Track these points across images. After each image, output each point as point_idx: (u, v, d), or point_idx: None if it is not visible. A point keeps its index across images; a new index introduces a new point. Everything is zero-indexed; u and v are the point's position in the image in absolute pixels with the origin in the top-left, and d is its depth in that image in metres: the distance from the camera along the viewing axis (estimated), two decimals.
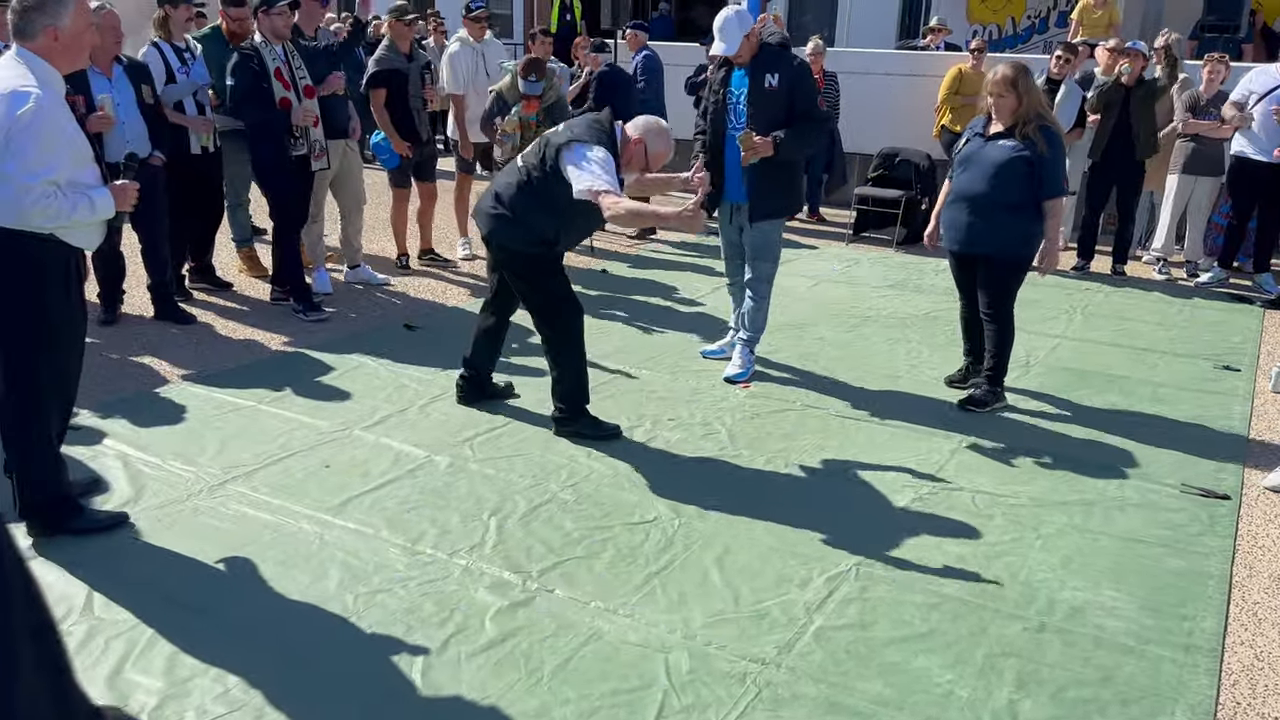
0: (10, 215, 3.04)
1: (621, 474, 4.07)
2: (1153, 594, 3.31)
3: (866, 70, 9.89)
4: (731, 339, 5.45)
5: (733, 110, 4.92)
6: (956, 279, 5.02)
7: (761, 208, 4.95)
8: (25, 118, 2.95)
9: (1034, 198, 4.60)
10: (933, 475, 4.14)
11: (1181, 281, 7.69)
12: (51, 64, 3.08)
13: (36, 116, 2.96)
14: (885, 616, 3.11)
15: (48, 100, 3.01)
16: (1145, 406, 5.01)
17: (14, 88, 2.98)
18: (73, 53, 3.14)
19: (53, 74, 3.08)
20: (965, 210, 4.73)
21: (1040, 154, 4.52)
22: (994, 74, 4.59)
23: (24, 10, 3.04)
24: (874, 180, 8.89)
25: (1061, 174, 4.63)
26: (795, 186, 5.17)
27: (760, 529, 3.65)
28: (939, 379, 5.27)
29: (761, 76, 4.80)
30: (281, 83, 5.68)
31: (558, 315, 4.30)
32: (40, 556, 3.30)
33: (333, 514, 3.66)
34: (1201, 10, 11.84)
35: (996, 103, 4.59)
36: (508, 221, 4.16)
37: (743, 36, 4.76)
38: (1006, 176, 4.58)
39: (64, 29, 3.06)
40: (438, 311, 6.35)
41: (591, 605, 3.13)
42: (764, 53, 4.84)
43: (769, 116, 4.80)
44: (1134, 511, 3.88)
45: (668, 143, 4.21)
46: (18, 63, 3.05)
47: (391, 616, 3.04)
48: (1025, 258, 4.75)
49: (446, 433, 4.42)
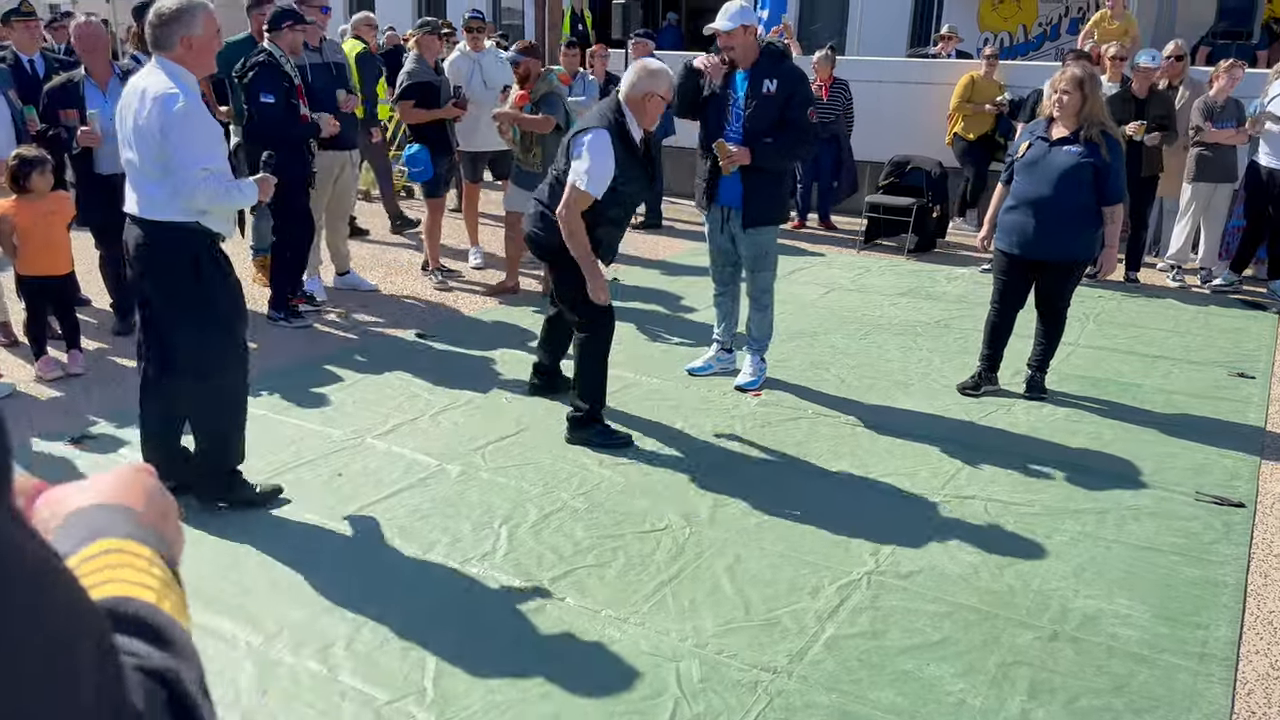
0: (169, 208, 3.43)
1: (633, 482, 4.07)
2: (1167, 602, 3.29)
3: (878, 78, 9.89)
4: (716, 353, 5.44)
5: (730, 113, 4.93)
6: (1003, 284, 5.06)
7: (751, 213, 4.94)
8: (180, 115, 3.32)
9: (1096, 202, 4.72)
10: (945, 483, 4.13)
11: (1195, 288, 7.65)
12: (187, 69, 3.43)
13: (188, 113, 3.34)
14: (897, 625, 3.11)
15: (192, 100, 3.38)
16: (1159, 414, 4.99)
17: (163, 91, 3.35)
18: (204, 57, 3.49)
19: (190, 77, 3.44)
20: (1031, 214, 4.81)
21: (1104, 160, 4.64)
22: (1062, 72, 4.72)
23: (161, 24, 3.39)
24: (885, 188, 8.88)
25: (1122, 180, 4.79)
26: (785, 195, 5.14)
27: (771, 537, 3.64)
28: (951, 387, 5.26)
29: (760, 81, 4.82)
30: (302, 99, 5.73)
31: (590, 318, 4.38)
32: None
33: (346, 524, 3.68)
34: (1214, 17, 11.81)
35: (1063, 100, 4.65)
36: (546, 222, 4.32)
37: (740, 24, 4.77)
38: (1073, 182, 4.69)
39: (196, 37, 3.40)
40: (450, 320, 6.37)
41: (603, 614, 3.13)
42: (765, 58, 4.86)
43: (763, 121, 4.81)
44: (1148, 519, 3.86)
45: (662, 77, 4.34)
46: (159, 71, 3.42)
47: (404, 625, 3.05)
48: (1087, 261, 4.94)
49: (458, 441, 4.44)
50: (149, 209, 3.47)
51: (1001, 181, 5.07)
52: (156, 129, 3.34)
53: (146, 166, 3.42)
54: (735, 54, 4.85)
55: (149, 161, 3.41)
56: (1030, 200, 4.82)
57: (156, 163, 3.40)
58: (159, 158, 3.38)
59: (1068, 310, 5.09)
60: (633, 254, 8.38)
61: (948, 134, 9.12)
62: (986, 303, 5.28)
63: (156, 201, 3.45)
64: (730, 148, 4.77)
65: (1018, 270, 4.98)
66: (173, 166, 3.37)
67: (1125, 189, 4.83)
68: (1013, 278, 5.01)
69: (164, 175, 3.40)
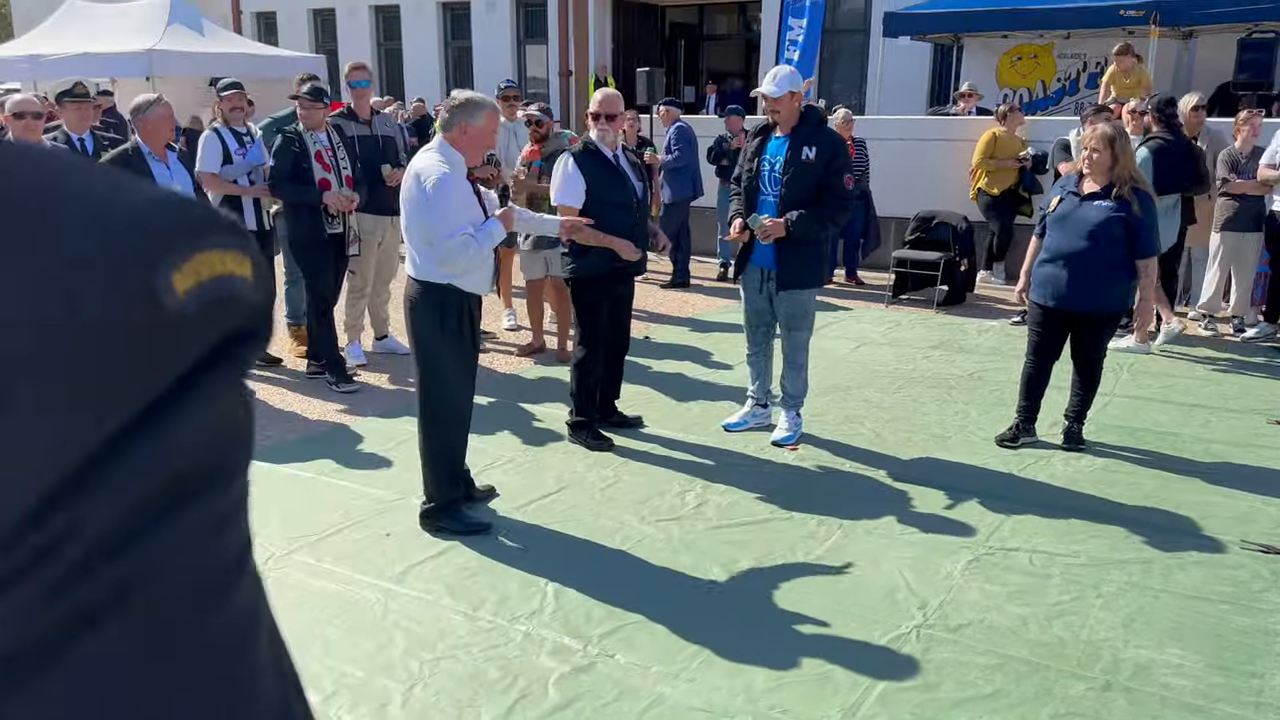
0: (432, 269, 4.03)
1: (675, 538, 4.10)
2: (1219, 652, 3.27)
3: (900, 136, 10.04)
4: (751, 409, 5.50)
5: (766, 178, 5.03)
6: (1039, 336, 5.13)
7: (788, 278, 5.03)
8: (436, 188, 3.95)
9: (1128, 256, 4.80)
10: (989, 535, 4.14)
11: (1228, 337, 7.65)
12: (458, 151, 4.06)
13: (443, 186, 3.95)
14: (949, 678, 3.11)
15: (453, 175, 3.99)
16: (1199, 462, 4.98)
17: (420, 168, 4.02)
18: (477, 144, 4.10)
19: (457, 157, 4.05)
20: (1063, 267, 4.89)
21: (1135, 215, 4.72)
22: (1093, 130, 4.83)
23: (451, 110, 4.07)
24: (911, 243, 8.97)
25: (1155, 234, 4.87)
26: (823, 258, 5.26)
27: (817, 591, 3.66)
28: (989, 440, 5.27)
29: (799, 147, 4.92)
30: (322, 165, 5.95)
31: (580, 337, 5.13)
32: None
33: (395, 582, 3.73)
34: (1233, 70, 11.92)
35: (1093, 158, 4.75)
36: (562, 255, 5.15)
37: (788, 90, 4.89)
38: (1103, 236, 4.77)
39: (473, 126, 4.04)
40: (486, 380, 6.46)
41: (653, 670, 3.15)
42: (805, 124, 4.96)
43: (802, 188, 4.89)
44: (1194, 569, 3.85)
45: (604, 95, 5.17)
46: (434, 149, 4.10)
47: (457, 683, 3.09)
48: (1120, 313, 5.03)
49: (500, 499, 4.49)
50: (415, 270, 4.13)
51: (1035, 235, 5.16)
52: (416, 201, 4.02)
53: (412, 232, 4.08)
54: (779, 117, 4.97)
55: (413, 229, 4.07)
56: (1062, 254, 4.90)
57: (419, 232, 4.04)
58: (421, 228, 4.03)
59: (1103, 361, 5.12)
60: (663, 311, 8.48)
61: (972, 189, 9.22)
62: (1019, 355, 5.32)
63: (419, 265, 4.09)
64: (765, 221, 4.86)
65: (1053, 322, 5.04)
66: (433, 238, 3.99)
67: (1158, 242, 4.89)
68: (1048, 330, 5.06)
69: (431, 244, 4.01)
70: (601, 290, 5.10)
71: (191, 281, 0.39)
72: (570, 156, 5.00)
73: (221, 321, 0.41)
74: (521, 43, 18.66)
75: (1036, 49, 13.54)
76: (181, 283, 0.39)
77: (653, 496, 4.54)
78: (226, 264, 0.41)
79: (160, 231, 0.40)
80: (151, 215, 0.40)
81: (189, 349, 0.40)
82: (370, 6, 19.92)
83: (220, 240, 0.41)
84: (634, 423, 5.48)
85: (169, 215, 0.41)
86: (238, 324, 0.41)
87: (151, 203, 0.40)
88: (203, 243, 0.40)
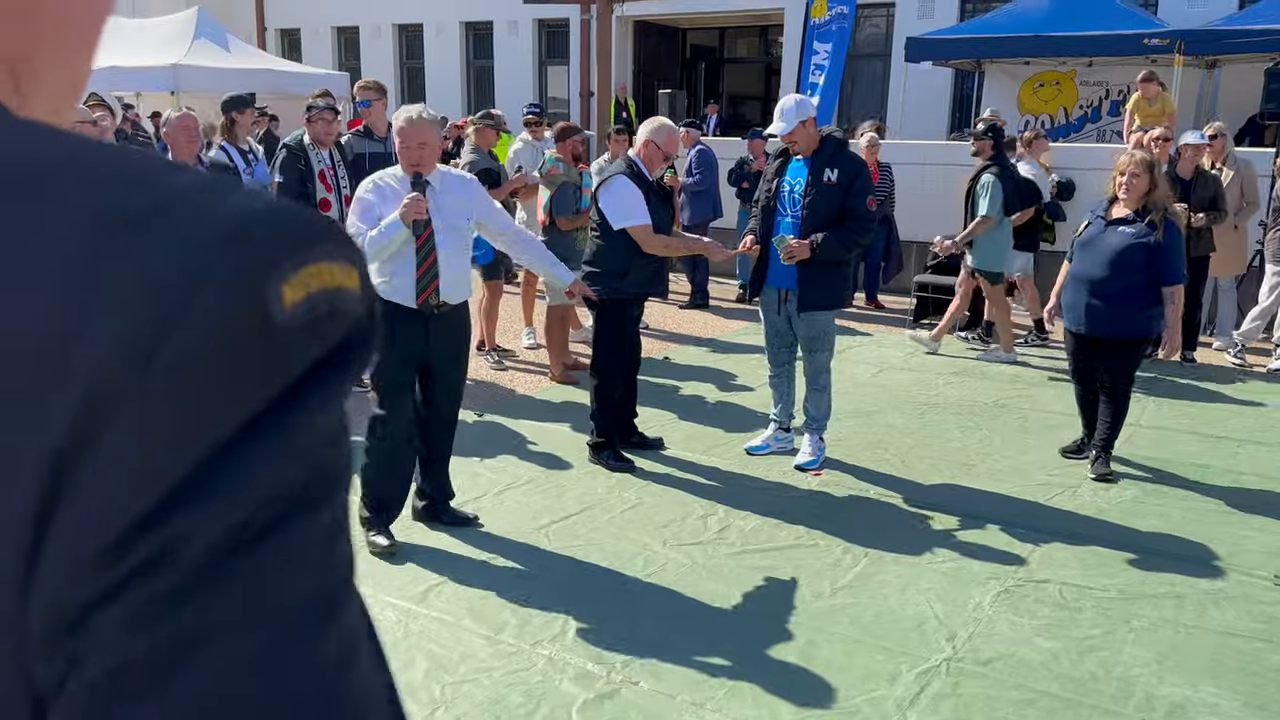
0: None
1: (698, 564, 4.06)
2: (1256, 690, 3.20)
3: (923, 160, 10.02)
4: (774, 432, 5.45)
5: (786, 200, 5.01)
6: (1074, 360, 5.18)
7: (808, 299, 4.99)
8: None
9: (1152, 281, 4.78)
10: (1017, 567, 4.07)
11: (1257, 368, 7.56)
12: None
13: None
14: (980, 713, 3.04)
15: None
16: (1228, 495, 4.90)
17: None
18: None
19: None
20: (1086, 293, 4.90)
21: (1159, 242, 4.71)
22: (1131, 155, 4.80)
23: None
24: (934, 268, 8.92)
25: (1181, 262, 4.83)
26: (844, 280, 5.23)
27: (843, 621, 3.60)
28: (1014, 467, 5.21)
29: (821, 170, 4.90)
30: (324, 185, 5.98)
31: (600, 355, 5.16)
32: None
33: (416, 602, 3.69)
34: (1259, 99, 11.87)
35: (1130, 182, 4.74)
36: (593, 278, 5.01)
37: (799, 121, 4.87)
38: (1125, 263, 4.77)
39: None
40: (507, 400, 6.44)
41: (679, 699, 3.10)
42: (826, 147, 4.94)
43: (823, 210, 4.87)
44: (1227, 604, 3.78)
45: (670, 131, 5.19)
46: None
47: (479, 708, 3.04)
48: (1145, 339, 4.99)
49: (522, 520, 4.46)
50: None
51: (1067, 259, 5.16)
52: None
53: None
54: (797, 148, 4.96)
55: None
56: (1085, 279, 4.93)
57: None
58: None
59: (1130, 390, 5.07)
60: (683, 332, 8.45)
61: None
62: (1040, 383, 5.37)
63: None
64: (791, 240, 4.84)
65: (1083, 347, 5.08)
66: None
67: (1184, 270, 4.85)
68: (1081, 354, 5.11)
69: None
70: (628, 311, 5.14)
71: (301, 294, 0.39)
72: (624, 178, 4.99)
73: (329, 333, 0.41)
74: (543, 63, 18.78)
75: (1059, 75, 13.51)
76: (291, 294, 0.39)
77: (675, 520, 4.49)
78: (335, 276, 0.41)
79: (273, 242, 0.39)
80: (265, 226, 0.40)
81: (297, 360, 0.40)
82: (394, 25, 20.09)
83: (329, 251, 0.41)
84: (655, 444, 5.44)
85: (282, 225, 0.40)
86: (344, 334, 0.41)
87: (264, 212, 0.40)
88: (313, 254, 0.40)
